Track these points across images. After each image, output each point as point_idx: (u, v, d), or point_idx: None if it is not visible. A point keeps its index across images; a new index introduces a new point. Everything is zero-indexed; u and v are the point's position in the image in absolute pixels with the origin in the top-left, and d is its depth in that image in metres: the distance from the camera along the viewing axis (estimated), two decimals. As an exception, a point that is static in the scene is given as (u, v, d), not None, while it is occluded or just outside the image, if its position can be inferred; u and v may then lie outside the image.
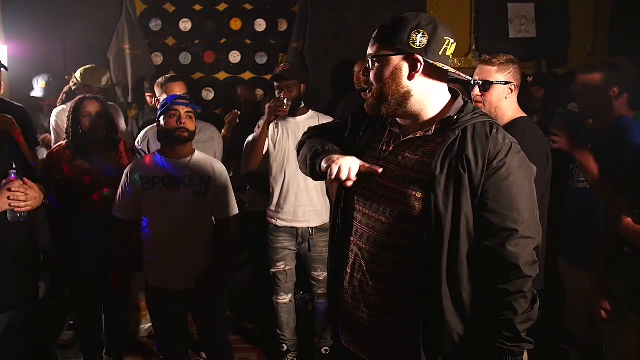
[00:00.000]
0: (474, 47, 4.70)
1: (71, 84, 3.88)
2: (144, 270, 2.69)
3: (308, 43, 4.53)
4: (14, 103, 3.43)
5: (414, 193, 1.43)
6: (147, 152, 3.20)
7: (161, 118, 2.58)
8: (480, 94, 2.29)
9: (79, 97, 3.04)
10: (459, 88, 1.78)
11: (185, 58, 4.69)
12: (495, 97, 2.27)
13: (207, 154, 2.79)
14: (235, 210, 2.74)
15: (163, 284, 2.62)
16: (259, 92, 4.63)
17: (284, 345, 3.31)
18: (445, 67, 1.45)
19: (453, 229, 1.38)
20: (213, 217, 2.70)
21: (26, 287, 2.33)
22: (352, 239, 1.57)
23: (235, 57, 4.71)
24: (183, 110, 2.56)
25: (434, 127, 1.47)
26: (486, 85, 2.26)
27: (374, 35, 1.50)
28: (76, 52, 4.50)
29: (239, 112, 3.86)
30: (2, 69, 2.95)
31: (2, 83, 3.02)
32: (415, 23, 1.43)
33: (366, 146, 1.58)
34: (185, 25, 4.66)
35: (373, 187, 1.52)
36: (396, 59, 1.45)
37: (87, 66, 3.92)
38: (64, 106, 3.75)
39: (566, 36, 4.66)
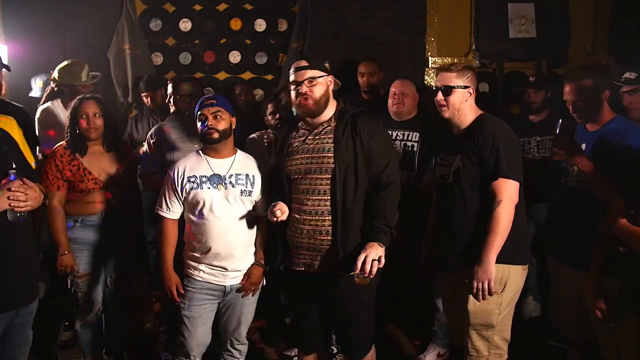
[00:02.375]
0: (474, 47, 4.69)
1: (52, 84, 3.78)
2: (184, 262, 2.71)
3: (308, 43, 4.53)
4: (14, 104, 3.43)
5: (327, 153, 2.45)
6: (154, 143, 3.15)
7: (197, 122, 2.64)
8: (443, 98, 2.47)
9: (78, 97, 3.04)
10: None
11: (185, 58, 4.70)
12: (457, 100, 2.47)
13: None
14: None
15: (206, 278, 2.66)
16: (259, 92, 4.65)
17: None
18: (331, 79, 2.55)
19: (348, 165, 2.41)
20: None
21: (26, 286, 2.33)
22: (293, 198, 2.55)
23: (235, 57, 4.72)
24: (209, 112, 2.59)
25: (333, 118, 2.51)
26: (448, 90, 2.46)
27: (306, 65, 2.48)
28: (76, 52, 4.49)
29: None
30: (4, 69, 2.95)
31: (3, 83, 3.02)
32: (322, 58, 2.65)
33: (286, 144, 2.59)
34: (185, 25, 4.67)
35: (299, 161, 2.51)
36: (326, 78, 2.51)
37: (64, 63, 3.71)
38: (48, 103, 3.73)
39: (566, 36, 4.65)
